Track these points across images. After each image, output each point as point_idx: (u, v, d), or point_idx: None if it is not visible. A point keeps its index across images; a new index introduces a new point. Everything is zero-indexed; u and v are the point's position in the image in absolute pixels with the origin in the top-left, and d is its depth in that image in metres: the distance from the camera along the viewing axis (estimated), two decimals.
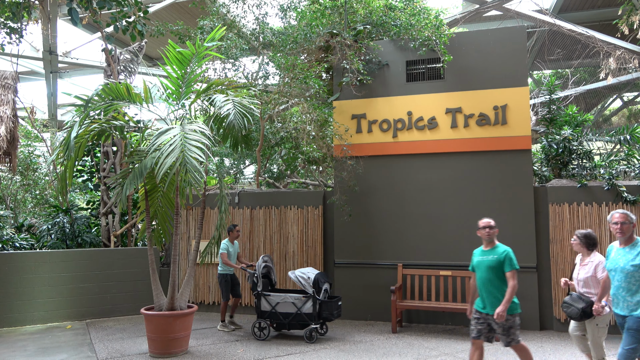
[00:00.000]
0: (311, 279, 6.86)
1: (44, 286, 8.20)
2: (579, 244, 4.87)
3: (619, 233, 4.03)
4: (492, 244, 4.80)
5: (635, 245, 3.99)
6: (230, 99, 6.49)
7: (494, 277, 4.64)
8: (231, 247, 7.58)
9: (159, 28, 9.59)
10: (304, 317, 6.84)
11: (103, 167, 9.73)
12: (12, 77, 8.97)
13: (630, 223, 4.02)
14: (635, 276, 3.90)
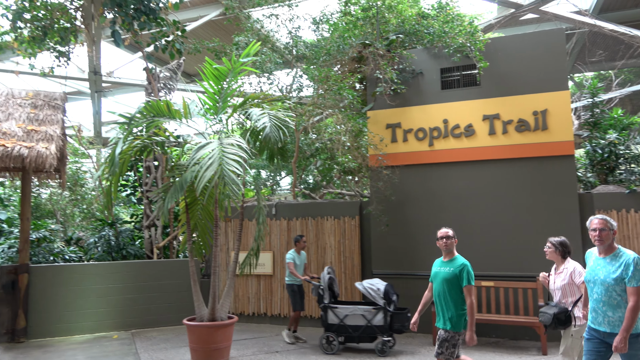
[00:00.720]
0: (381, 290, 6.70)
1: (92, 297, 8.52)
2: (554, 252, 4.64)
3: (597, 241, 3.74)
4: (450, 255, 4.60)
5: (616, 256, 3.68)
6: (266, 112, 6.61)
7: (449, 290, 4.46)
8: (297, 258, 7.56)
9: (196, 46, 9.90)
10: (374, 330, 6.66)
11: (145, 181, 10.07)
12: (61, 98, 9.45)
13: (610, 230, 3.72)
14: (616, 290, 3.60)
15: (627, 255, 3.63)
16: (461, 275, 4.41)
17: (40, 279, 8.26)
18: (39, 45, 9.67)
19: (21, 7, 9.26)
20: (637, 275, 3.49)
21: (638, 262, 3.53)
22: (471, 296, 4.37)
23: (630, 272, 3.51)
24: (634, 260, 3.55)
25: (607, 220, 3.72)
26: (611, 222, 3.73)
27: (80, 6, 9.59)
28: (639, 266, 3.52)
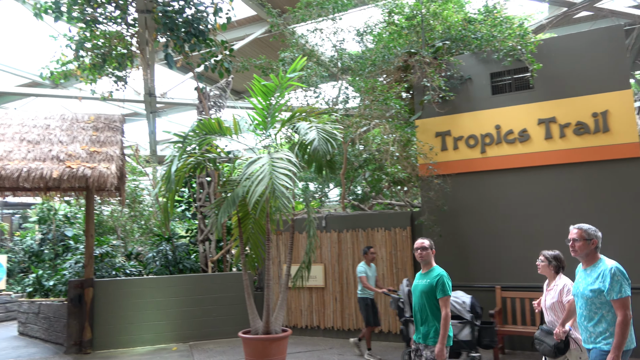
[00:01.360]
0: (467, 303, 6.39)
1: (152, 310, 8.84)
2: (547, 266, 4.39)
3: (572, 251, 3.53)
4: (428, 266, 4.41)
5: (595, 266, 3.44)
6: (314, 125, 6.66)
7: (427, 303, 4.26)
8: (369, 270, 7.44)
9: (243, 64, 10.18)
10: (460, 345, 6.27)
11: (199, 197, 10.39)
12: (120, 120, 9.98)
13: (586, 240, 3.46)
14: (595, 303, 3.36)
15: (605, 265, 3.38)
16: (437, 286, 4.22)
17: (104, 292, 8.67)
18: (99, 71, 10.28)
19: (83, 37, 9.89)
20: (616, 286, 3.26)
21: (616, 272, 3.29)
22: (446, 307, 4.15)
23: (608, 283, 3.28)
24: (610, 270, 3.31)
25: (583, 230, 3.50)
26: (589, 231, 3.50)
27: (135, 32, 10.13)
28: (616, 276, 3.28)
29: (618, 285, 3.26)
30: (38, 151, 8.47)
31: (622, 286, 3.26)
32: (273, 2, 11.76)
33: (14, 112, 9.72)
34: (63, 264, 11.10)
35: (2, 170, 7.79)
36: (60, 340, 9.21)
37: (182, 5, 9.46)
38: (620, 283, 3.27)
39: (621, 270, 3.33)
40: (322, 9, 9.57)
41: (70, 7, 9.31)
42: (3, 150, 8.31)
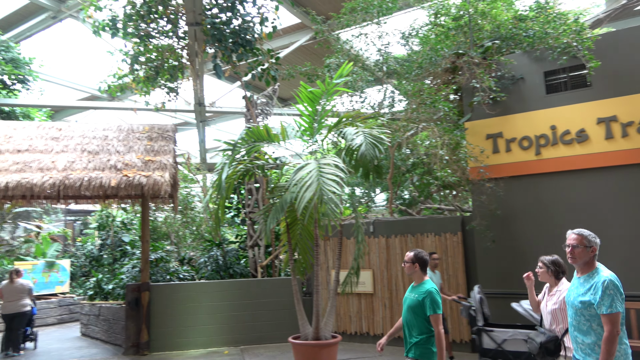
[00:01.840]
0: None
1: (204, 314, 9.07)
2: (546, 272, 4.22)
3: (570, 259, 3.32)
4: (418, 280, 4.21)
5: (590, 277, 3.23)
6: (360, 130, 6.63)
7: (413, 318, 4.07)
8: (434, 277, 7.15)
9: (289, 71, 10.31)
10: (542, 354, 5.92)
11: (248, 203, 10.59)
12: (172, 130, 10.35)
13: (586, 247, 3.25)
14: (584, 314, 3.19)
15: (600, 276, 3.17)
16: (424, 303, 4.01)
17: (159, 296, 8.99)
18: (152, 83, 10.73)
19: (137, 51, 10.37)
20: (606, 300, 3.06)
21: (609, 285, 3.09)
22: (437, 326, 3.94)
23: (599, 296, 3.09)
24: (603, 283, 3.11)
25: (583, 236, 3.31)
26: (589, 237, 3.30)
27: (185, 45, 10.49)
28: (609, 290, 3.07)
29: (609, 300, 3.06)
30: (97, 161, 8.92)
31: (614, 301, 3.06)
32: (317, 10, 11.85)
33: (76, 125, 10.30)
34: (121, 268, 11.61)
35: (66, 179, 8.26)
36: (119, 341, 9.62)
37: (230, 17, 9.71)
38: (612, 297, 3.07)
39: (615, 283, 3.12)
40: (367, 13, 9.55)
41: (126, 23, 9.78)
42: (67, 161, 8.81)
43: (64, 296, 14.86)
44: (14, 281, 9.50)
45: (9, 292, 9.42)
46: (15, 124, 10.05)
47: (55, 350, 9.87)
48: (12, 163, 8.62)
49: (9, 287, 9.43)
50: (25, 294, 9.54)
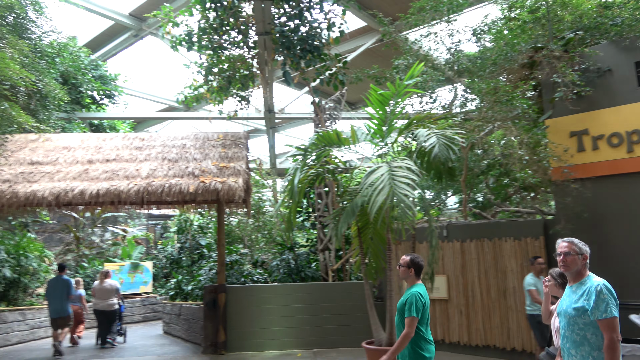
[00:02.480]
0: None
1: (277, 316, 9.25)
2: (554, 285, 4.13)
3: (562, 267, 3.25)
4: (410, 283, 4.28)
5: (583, 283, 3.16)
6: (433, 131, 6.46)
7: (400, 320, 4.18)
8: (538, 283, 6.72)
9: (357, 75, 10.29)
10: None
11: (318, 207, 10.68)
12: (245, 137, 10.70)
13: (577, 254, 3.20)
14: (578, 323, 3.08)
15: (592, 282, 3.12)
16: (406, 305, 4.10)
17: (235, 297, 9.29)
18: (225, 93, 11.18)
19: (210, 63, 10.86)
20: (601, 305, 2.98)
21: (603, 289, 3.02)
22: (408, 328, 4.01)
23: (593, 301, 3.01)
24: (596, 288, 3.04)
25: (574, 244, 3.26)
26: (580, 245, 3.25)
27: (255, 54, 10.83)
28: (603, 294, 3.00)
29: (604, 304, 2.98)
30: (177, 168, 9.41)
31: (608, 305, 2.97)
32: (384, 11, 11.74)
33: (157, 135, 10.96)
34: (199, 270, 12.14)
35: (149, 186, 8.79)
36: (198, 340, 10.05)
37: (298, 24, 9.90)
38: (607, 302, 2.98)
39: (609, 288, 3.04)
40: (436, 11, 9.31)
41: (200, 37, 10.28)
42: (149, 169, 9.38)
43: (148, 296, 15.82)
44: (103, 282, 10.45)
45: (99, 291, 10.41)
46: (104, 136, 10.88)
47: (141, 347, 10.51)
48: (102, 172, 9.32)
49: (100, 287, 10.42)
50: (113, 294, 10.47)
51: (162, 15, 10.69)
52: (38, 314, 12.16)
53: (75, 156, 9.89)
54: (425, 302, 4.17)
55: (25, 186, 8.83)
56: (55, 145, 10.33)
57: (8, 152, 9.85)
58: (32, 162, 9.69)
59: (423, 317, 4.14)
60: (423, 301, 4.12)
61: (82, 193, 8.68)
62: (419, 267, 4.31)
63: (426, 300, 4.18)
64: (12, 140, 10.28)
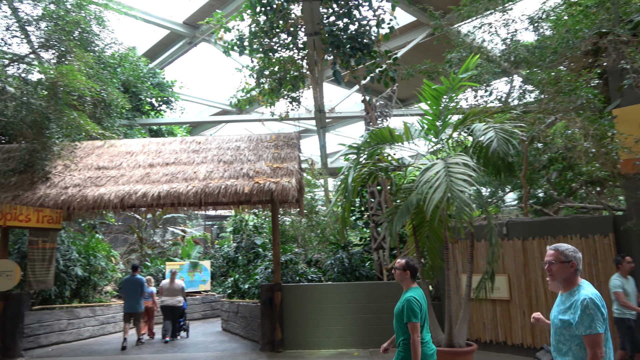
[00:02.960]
0: None
1: (332, 315, 9.27)
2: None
3: (549, 276, 3.13)
4: (405, 286, 4.31)
5: (572, 294, 3.04)
6: (491, 125, 6.23)
7: (396, 324, 4.21)
8: (626, 284, 6.34)
9: (408, 71, 10.13)
10: None
11: (370, 206, 10.61)
12: (297, 137, 10.81)
13: (564, 262, 3.05)
14: (564, 334, 3.03)
15: (580, 294, 2.98)
16: (402, 310, 4.11)
17: (290, 296, 9.40)
18: (277, 94, 11.34)
19: (262, 65, 11.05)
20: (586, 320, 2.89)
21: (589, 304, 2.90)
22: (413, 333, 4.01)
23: (578, 316, 2.93)
24: (582, 302, 2.92)
25: (559, 251, 3.09)
26: (567, 252, 3.07)
27: (305, 55, 10.91)
28: (589, 309, 2.89)
29: (588, 320, 2.88)
30: (232, 170, 9.66)
31: (593, 321, 2.87)
32: (434, 5, 11.49)
33: (212, 138, 11.30)
34: (254, 269, 12.40)
35: (207, 188, 9.07)
36: (256, 338, 10.27)
37: (346, 23, 9.87)
38: (592, 317, 2.88)
39: (596, 302, 2.90)
40: (490, 1, 8.99)
41: (251, 40, 10.49)
42: (206, 171, 9.68)
43: (206, 294, 16.35)
44: (174, 281, 11.37)
45: (168, 289, 11.29)
46: (164, 140, 11.35)
47: (202, 343, 10.88)
48: (162, 175, 9.73)
49: (169, 286, 11.31)
50: (179, 292, 11.34)
51: (214, 21, 11.00)
52: (107, 310, 12.88)
53: (138, 160, 10.38)
54: (422, 305, 4.20)
55: (94, 190, 9.38)
56: (119, 151, 10.89)
57: (77, 159, 10.50)
58: (98, 167, 10.28)
59: (421, 320, 4.17)
60: (420, 304, 4.15)
61: (144, 195, 9.09)
62: (414, 269, 4.35)
63: (422, 304, 4.21)
64: (80, 147, 10.95)
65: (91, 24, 11.20)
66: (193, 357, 9.18)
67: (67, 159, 10.20)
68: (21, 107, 9.34)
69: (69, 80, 9.45)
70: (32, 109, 9.29)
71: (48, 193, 9.35)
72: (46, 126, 9.60)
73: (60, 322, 11.35)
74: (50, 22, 10.39)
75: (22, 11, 10.70)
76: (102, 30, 11.68)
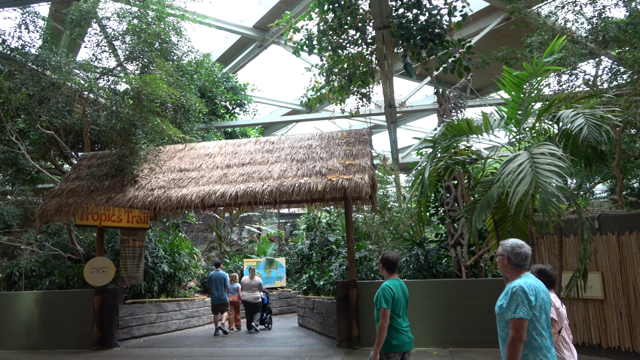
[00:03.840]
0: None
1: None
2: None
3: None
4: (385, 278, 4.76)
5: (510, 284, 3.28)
6: (579, 111, 5.79)
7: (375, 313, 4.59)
8: None
9: (483, 58, 9.68)
10: None
11: (446, 201, 10.28)
12: (368, 133, 10.73)
13: (499, 256, 3.43)
14: (502, 321, 3.26)
15: (514, 283, 3.27)
16: (376, 298, 4.56)
17: (366, 293, 9.36)
18: (346, 91, 11.33)
19: (331, 63, 11.08)
20: (512, 305, 3.17)
21: (518, 291, 3.18)
22: (382, 319, 4.44)
23: (506, 301, 3.21)
24: (512, 288, 3.21)
25: (501, 245, 3.49)
26: (504, 246, 3.45)
27: (374, 50, 10.79)
28: (516, 296, 3.17)
29: (514, 305, 3.16)
30: (305, 168, 9.79)
31: (518, 306, 3.14)
32: None
33: (285, 137, 11.52)
34: (329, 266, 12.50)
35: (281, 186, 9.26)
36: (332, 334, 10.34)
37: (416, 13, 9.62)
38: (518, 303, 3.15)
39: (525, 290, 3.16)
40: None
41: (320, 39, 10.55)
42: (280, 170, 9.89)
43: (282, 290, 16.75)
44: (253, 278, 12.36)
45: (248, 285, 12.30)
46: (239, 142, 11.76)
47: (280, 338, 11.16)
48: (239, 175, 10.07)
49: (249, 282, 12.31)
50: (257, 288, 12.27)
51: (283, 23, 11.20)
52: (191, 305, 13.61)
53: (216, 162, 10.84)
54: (395, 294, 4.56)
55: (176, 191, 9.92)
56: (198, 153, 11.44)
57: (161, 162, 11.17)
58: (180, 169, 10.85)
59: (396, 308, 4.57)
60: (392, 293, 4.54)
61: (223, 195, 9.47)
62: (387, 262, 4.74)
63: (396, 292, 4.58)
64: (163, 151, 11.64)
65: (170, 34, 11.85)
66: (272, 352, 9.44)
67: (152, 162, 10.88)
68: (111, 116, 10.09)
69: (152, 89, 10.07)
70: (121, 117, 10.01)
71: (136, 195, 10.02)
72: (133, 133, 10.31)
73: (150, 315, 12.16)
74: (134, 36, 11.14)
75: (110, 27, 11.57)
76: (179, 40, 12.32)
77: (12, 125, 12.47)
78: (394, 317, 4.58)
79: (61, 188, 10.77)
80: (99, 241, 11.10)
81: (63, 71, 10.32)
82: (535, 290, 3.19)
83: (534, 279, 3.32)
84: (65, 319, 10.59)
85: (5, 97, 10.97)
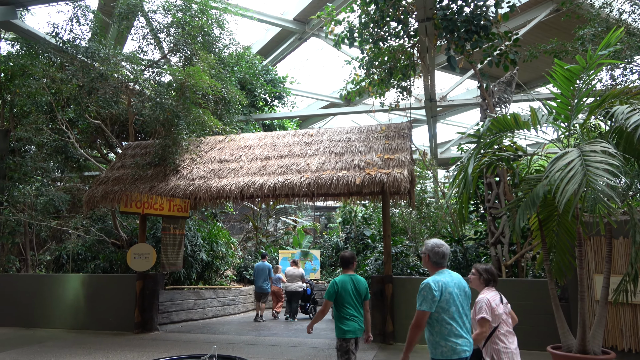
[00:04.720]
0: None
1: None
2: (477, 279, 4.39)
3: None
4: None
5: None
6: (636, 107, 5.49)
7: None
8: None
9: (531, 51, 9.35)
10: None
11: (488, 198, 10.02)
12: (408, 127, 10.57)
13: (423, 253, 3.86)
14: None
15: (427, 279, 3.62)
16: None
17: (401, 289, 9.27)
18: (387, 84, 11.19)
19: (372, 56, 10.97)
20: (419, 299, 3.57)
21: (424, 287, 3.56)
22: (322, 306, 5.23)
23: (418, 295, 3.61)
24: (421, 284, 3.59)
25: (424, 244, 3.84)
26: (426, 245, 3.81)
27: (416, 43, 10.59)
28: (423, 291, 3.57)
29: (420, 299, 3.56)
30: (343, 162, 9.75)
31: (423, 300, 3.53)
32: None
33: (323, 130, 11.51)
34: (364, 260, 12.45)
35: (319, 179, 9.27)
36: None
37: (461, 5, 9.37)
38: (423, 297, 3.54)
39: (430, 286, 3.51)
40: None
41: (361, 31, 10.45)
42: (318, 163, 9.90)
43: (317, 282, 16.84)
44: (297, 267, 13.01)
45: (290, 275, 12.83)
46: (278, 134, 11.84)
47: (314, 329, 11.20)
48: (277, 167, 10.15)
49: (291, 272, 12.84)
50: (299, 278, 12.81)
51: (325, 15, 11.15)
52: (227, 293, 13.90)
53: (255, 153, 10.96)
54: (340, 287, 5.10)
55: (216, 181, 10.10)
56: (238, 145, 11.60)
57: (202, 152, 11.40)
58: (220, 160, 11.04)
59: (342, 299, 5.09)
60: (337, 287, 5.11)
61: (261, 187, 9.57)
62: (343, 260, 5.37)
63: (341, 286, 5.11)
64: (204, 141, 11.87)
65: (212, 27, 12.04)
66: (306, 343, 9.50)
67: (193, 153, 11.11)
68: (155, 106, 10.36)
69: (195, 81, 10.27)
70: (164, 108, 10.26)
71: (178, 184, 10.27)
72: (175, 123, 10.55)
73: (188, 301, 12.49)
74: (178, 29, 11.37)
75: (155, 20, 11.85)
76: (221, 32, 12.49)
77: (62, 115, 13.02)
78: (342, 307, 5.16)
79: (107, 176, 11.17)
80: (142, 228, 11.46)
81: (111, 63, 10.67)
82: (442, 286, 3.55)
83: (448, 275, 3.69)
84: (109, 301, 11.01)
85: (57, 87, 11.45)
